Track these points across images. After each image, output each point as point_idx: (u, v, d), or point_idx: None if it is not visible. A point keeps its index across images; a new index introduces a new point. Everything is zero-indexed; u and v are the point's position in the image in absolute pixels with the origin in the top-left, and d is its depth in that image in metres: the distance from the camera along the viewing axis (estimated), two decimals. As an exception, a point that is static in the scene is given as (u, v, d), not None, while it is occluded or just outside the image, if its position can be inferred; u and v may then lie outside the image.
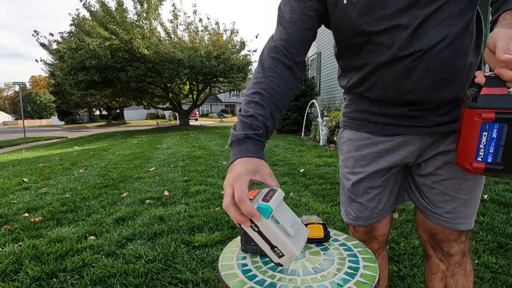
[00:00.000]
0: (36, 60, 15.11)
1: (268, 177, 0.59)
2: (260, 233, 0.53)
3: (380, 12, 0.69)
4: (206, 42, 14.59)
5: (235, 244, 0.78)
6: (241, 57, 15.41)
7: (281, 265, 0.59)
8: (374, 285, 0.61)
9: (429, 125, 0.78)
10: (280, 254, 0.55)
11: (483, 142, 0.67)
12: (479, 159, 0.69)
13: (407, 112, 0.78)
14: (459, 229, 0.81)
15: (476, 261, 1.69)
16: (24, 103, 47.60)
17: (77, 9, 22.05)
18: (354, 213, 0.92)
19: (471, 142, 0.68)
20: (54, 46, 13.71)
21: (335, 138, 6.75)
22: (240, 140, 0.62)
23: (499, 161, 0.67)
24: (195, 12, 16.95)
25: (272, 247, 0.54)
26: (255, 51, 16.11)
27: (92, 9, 12.92)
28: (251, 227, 0.52)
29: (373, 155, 0.85)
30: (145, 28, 13.74)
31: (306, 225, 0.83)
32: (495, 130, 0.65)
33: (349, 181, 0.91)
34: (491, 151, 0.67)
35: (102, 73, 12.54)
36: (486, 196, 2.75)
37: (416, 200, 0.88)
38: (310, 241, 0.81)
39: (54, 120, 44.22)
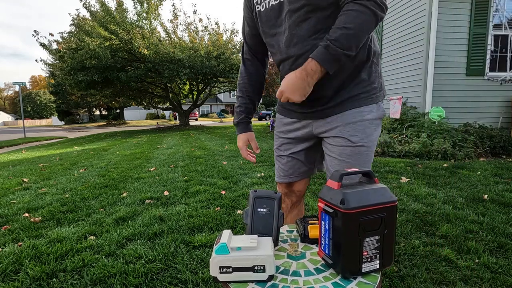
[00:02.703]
0: (36, 60, 15.11)
1: (251, 141, 1.22)
2: (235, 269, 0.63)
3: (273, 21, 0.98)
4: (206, 42, 14.56)
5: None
6: (241, 57, 15.37)
7: (272, 277, 0.64)
8: (376, 285, 0.61)
9: (305, 111, 1.06)
10: (261, 268, 0.62)
11: (322, 231, 0.67)
12: (321, 247, 0.68)
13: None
14: None
15: (476, 261, 1.69)
16: (24, 103, 47.55)
17: (77, 9, 22.12)
18: (276, 173, 1.24)
19: (320, 229, 0.69)
20: (54, 46, 13.71)
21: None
22: (235, 124, 1.22)
23: (331, 254, 0.65)
24: (195, 12, 16.97)
25: (251, 268, 0.62)
26: (255, 51, 16.08)
27: (92, 9, 12.90)
28: (224, 272, 0.63)
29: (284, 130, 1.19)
30: (145, 28, 13.72)
31: (306, 225, 0.83)
32: (327, 221, 0.64)
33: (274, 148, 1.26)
34: (326, 242, 0.66)
35: (102, 73, 12.52)
36: (486, 196, 2.75)
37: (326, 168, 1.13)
38: (311, 241, 0.81)
39: (54, 120, 44.16)
